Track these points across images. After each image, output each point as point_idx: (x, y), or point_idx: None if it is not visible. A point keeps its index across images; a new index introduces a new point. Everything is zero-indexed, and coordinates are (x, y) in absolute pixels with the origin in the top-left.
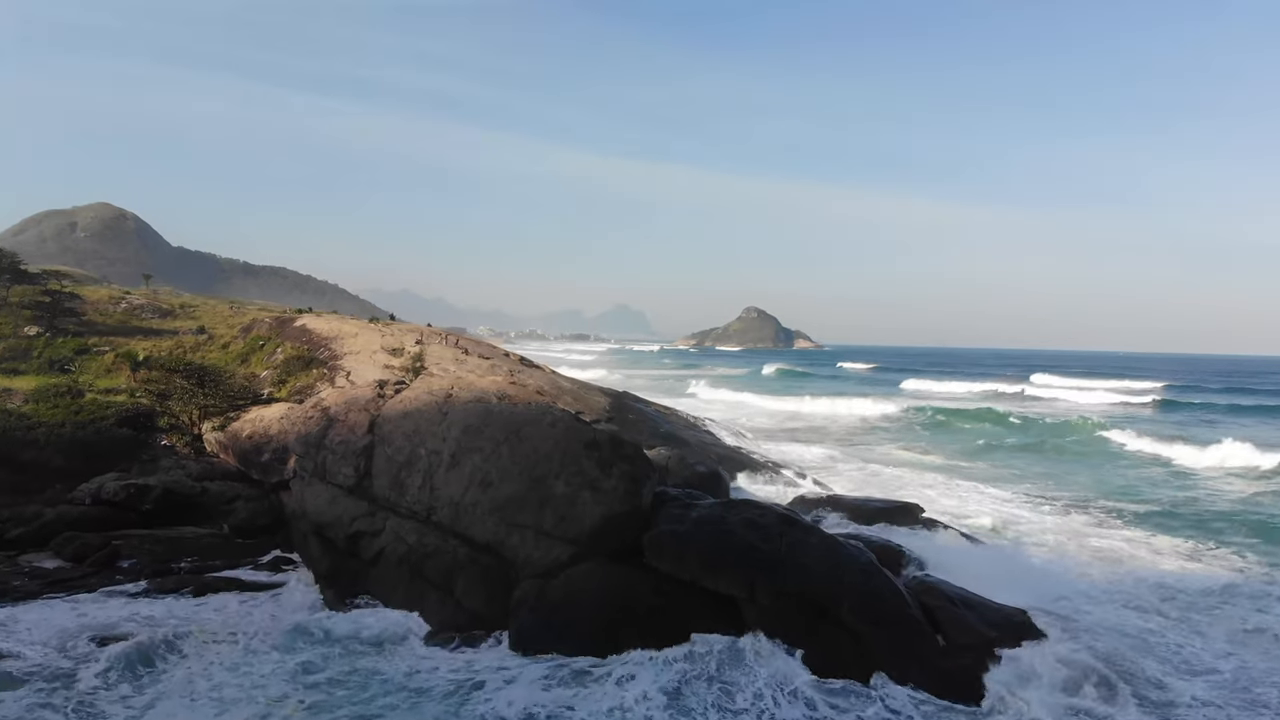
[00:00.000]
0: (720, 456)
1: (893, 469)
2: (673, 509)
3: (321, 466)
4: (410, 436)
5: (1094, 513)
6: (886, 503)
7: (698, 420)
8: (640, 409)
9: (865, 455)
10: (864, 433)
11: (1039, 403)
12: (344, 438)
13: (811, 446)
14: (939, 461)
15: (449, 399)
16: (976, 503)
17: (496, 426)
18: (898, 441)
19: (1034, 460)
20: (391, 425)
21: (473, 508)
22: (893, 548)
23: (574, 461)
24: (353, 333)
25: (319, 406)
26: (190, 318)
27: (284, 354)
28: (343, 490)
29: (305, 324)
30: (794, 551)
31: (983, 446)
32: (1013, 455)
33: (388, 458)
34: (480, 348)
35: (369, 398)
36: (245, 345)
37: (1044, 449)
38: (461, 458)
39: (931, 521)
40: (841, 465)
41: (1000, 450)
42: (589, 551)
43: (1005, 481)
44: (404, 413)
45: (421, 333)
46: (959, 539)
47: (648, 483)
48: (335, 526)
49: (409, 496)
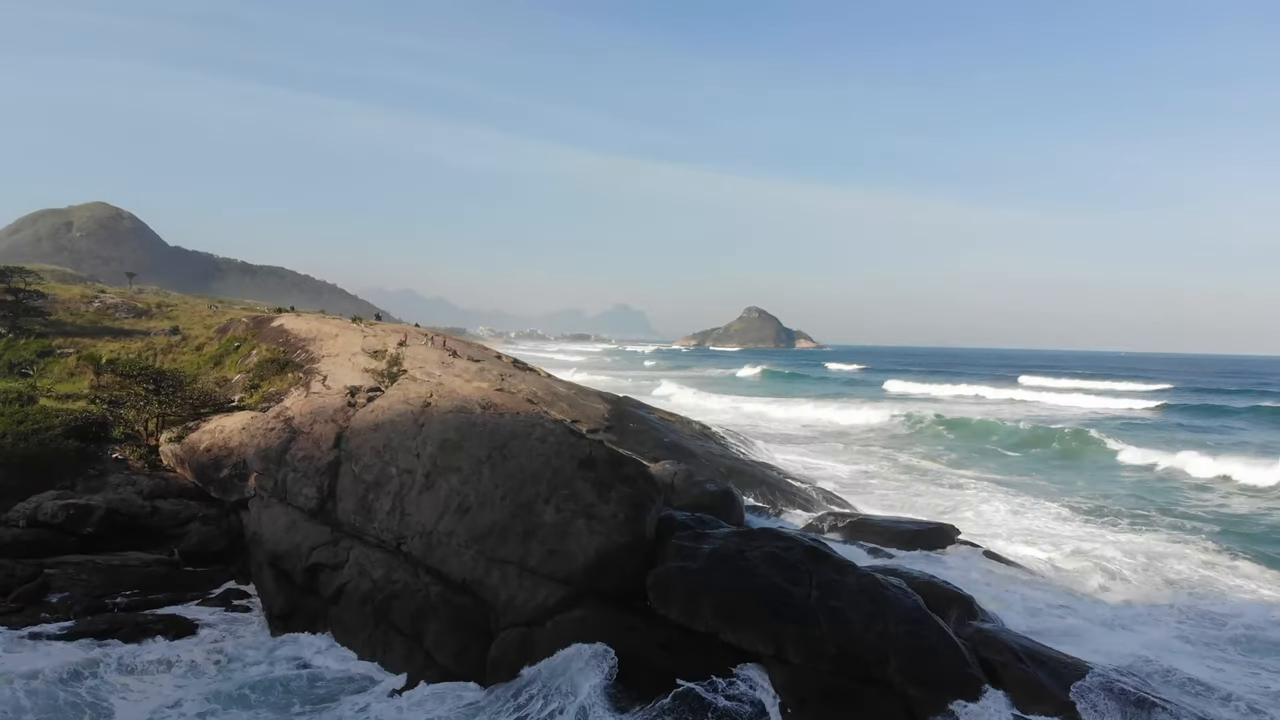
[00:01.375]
0: (730, 470)
1: (907, 480)
2: (682, 540)
3: (282, 485)
4: (380, 452)
5: (1161, 530)
6: (918, 524)
7: (706, 428)
8: (642, 416)
9: (871, 464)
10: (839, 438)
11: (1045, 405)
12: (307, 453)
13: (822, 457)
14: (949, 469)
15: (427, 409)
16: (1016, 520)
17: (478, 441)
18: (894, 448)
19: (1055, 468)
20: (360, 439)
21: (447, 538)
22: (939, 586)
23: (566, 483)
24: (332, 333)
25: (282, 417)
26: (166, 317)
27: (258, 356)
28: (303, 514)
29: (283, 324)
30: (827, 595)
31: (1002, 455)
32: (1034, 465)
33: (354, 476)
34: (470, 349)
35: (337, 407)
36: (220, 347)
37: (1066, 456)
38: (437, 478)
39: (969, 545)
40: (842, 470)
41: (1020, 460)
42: (582, 593)
43: (1033, 493)
44: (375, 424)
45: (406, 333)
46: (1007, 569)
47: (652, 507)
48: (292, 557)
49: (377, 522)
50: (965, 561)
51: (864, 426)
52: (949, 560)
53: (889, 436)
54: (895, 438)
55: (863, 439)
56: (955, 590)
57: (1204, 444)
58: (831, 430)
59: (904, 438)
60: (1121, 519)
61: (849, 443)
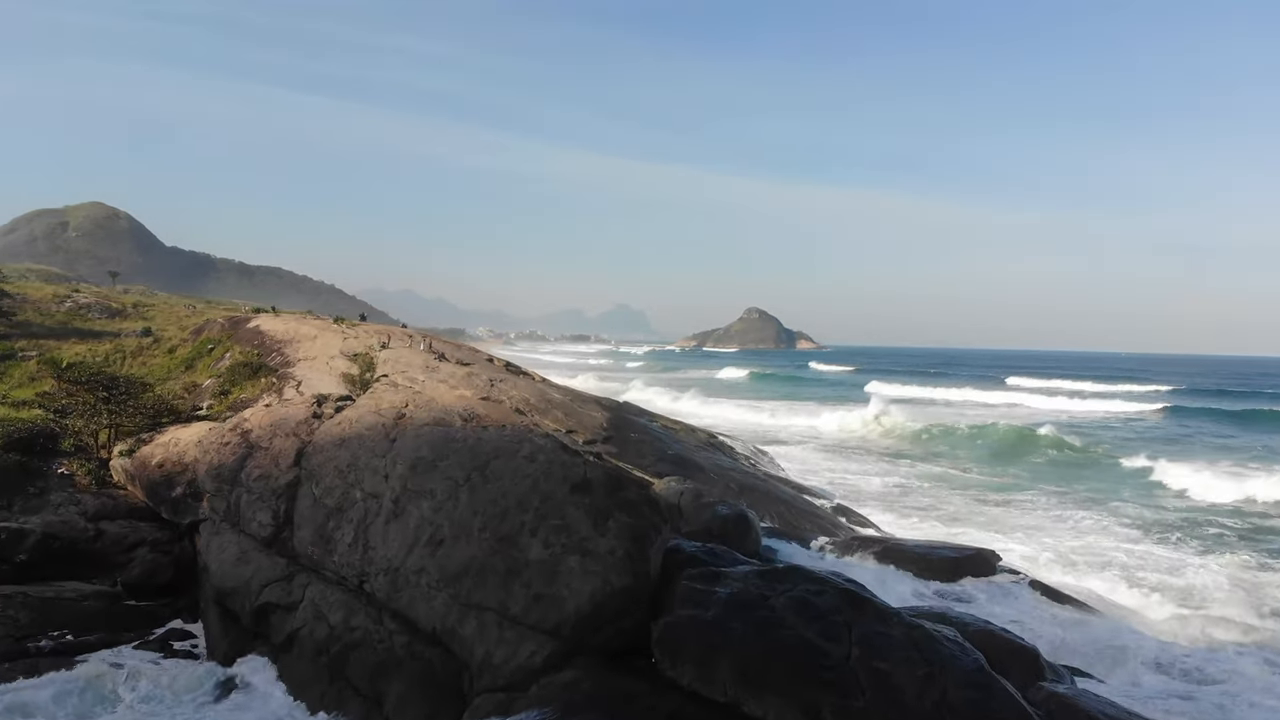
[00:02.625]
0: (741, 486)
1: (919, 492)
2: (693, 581)
3: (235, 509)
4: (344, 472)
5: (1243, 553)
6: (955, 550)
7: (712, 437)
8: (644, 425)
9: (877, 473)
10: (837, 445)
11: (1047, 409)
12: (264, 471)
13: (820, 465)
14: (956, 475)
15: (400, 421)
16: (1050, 540)
17: (456, 460)
18: (896, 456)
19: (1069, 477)
20: (323, 456)
21: (416, 576)
22: (998, 635)
23: (556, 511)
24: (311, 335)
25: (239, 429)
26: (142, 318)
27: (231, 360)
28: (256, 543)
29: (259, 325)
30: (870, 653)
31: (1009, 463)
32: (1046, 473)
33: (314, 500)
34: (460, 352)
35: (301, 419)
36: (192, 349)
37: (1079, 465)
38: (407, 504)
39: (1012, 573)
40: (849, 480)
41: (1028, 467)
42: (574, 648)
43: (1056, 506)
44: (340, 439)
45: (389, 334)
46: (1062, 606)
47: (656, 539)
48: (240, 594)
49: (337, 555)
50: (1016, 597)
51: (860, 432)
52: (993, 594)
53: (889, 443)
54: (895, 444)
55: (861, 445)
56: (1017, 641)
57: (1212, 449)
58: (825, 435)
59: (904, 443)
60: (1168, 534)
61: (847, 450)
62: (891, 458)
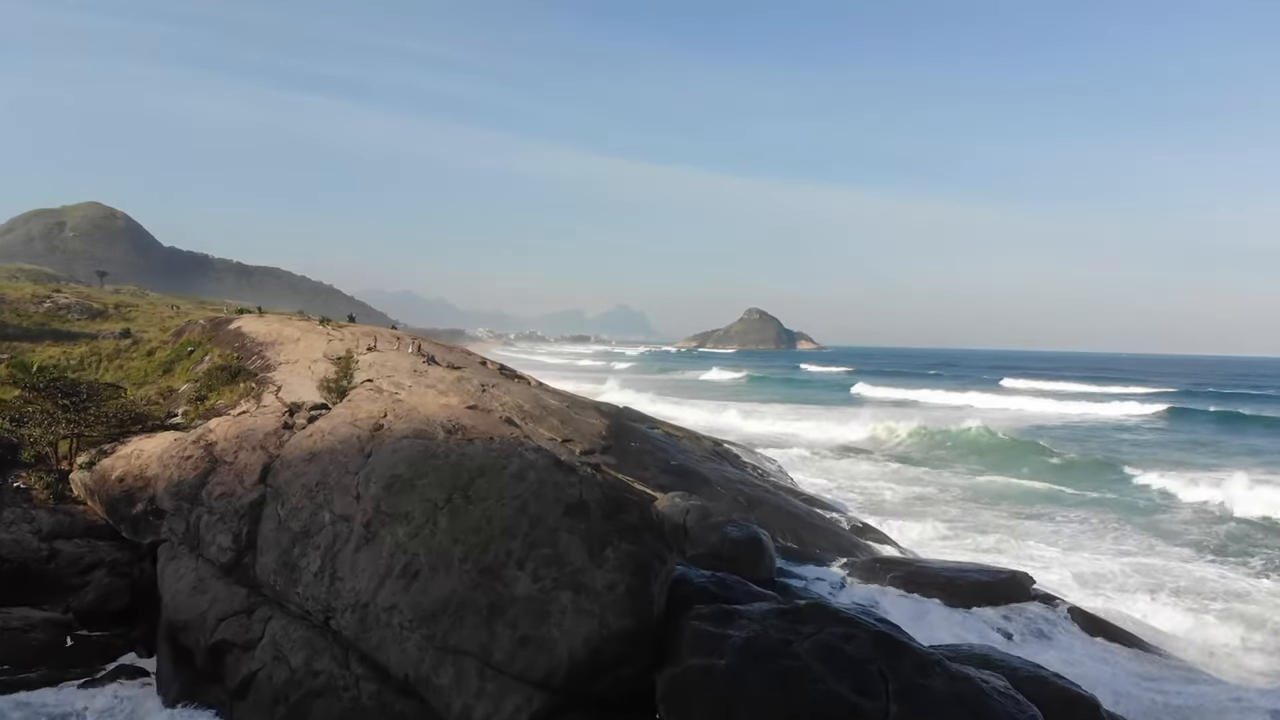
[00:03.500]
0: (750, 500)
1: (929, 502)
2: (703, 622)
3: (194, 531)
4: (312, 491)
5: (1265, 571)
6: (986, 572)
7: (718, 445)
8: (645, 433)
9: (884, 484)
10: (838, 452)
11: (1049, 414)
12: (227, 489)
13: (820, 474)
14: (963, 484)
15: (378, 433)
16: (1075, 559)
17: (436, 478)
18: (897, 464)
19: (1075, 484)
20: (290, 473)
21: (388, 614)
22: (1051, 683)
23: (548, 537)
24: (294, 337)
25: (202, 441)
26: (124, 319)
27: (211, 363)
28: (215, 569)
29: (241, 326)
30: (912, 710)
31: (1013, 470)
32: (1053, 479)
33: (279, 522)
34: (451, 355)
35: (269, 430)
36: (171, 352)
37: (1083, 471)
38: (379, 529)
39: (1048, 598)
40: (858, 486)
41: (1034, 475)
42: (566, 701)
43: (1066, 518)
44: (310, 454)
45: (376, 336)
46: (1110, 641)
47: (661, 570)
48: (195, 628)
49: (302, 586)
50: (1060, 630)
51: (855, 439)
52: (1034, 625)
53: (886, 448)
54: (893, 449)
55: (857, 450)
56: (1074, 690)
57: (1226, 454)
58: (817, 441)
59: (902, 449)
60: (1201, 552)
61: (848, 455)
62: (891, 463)
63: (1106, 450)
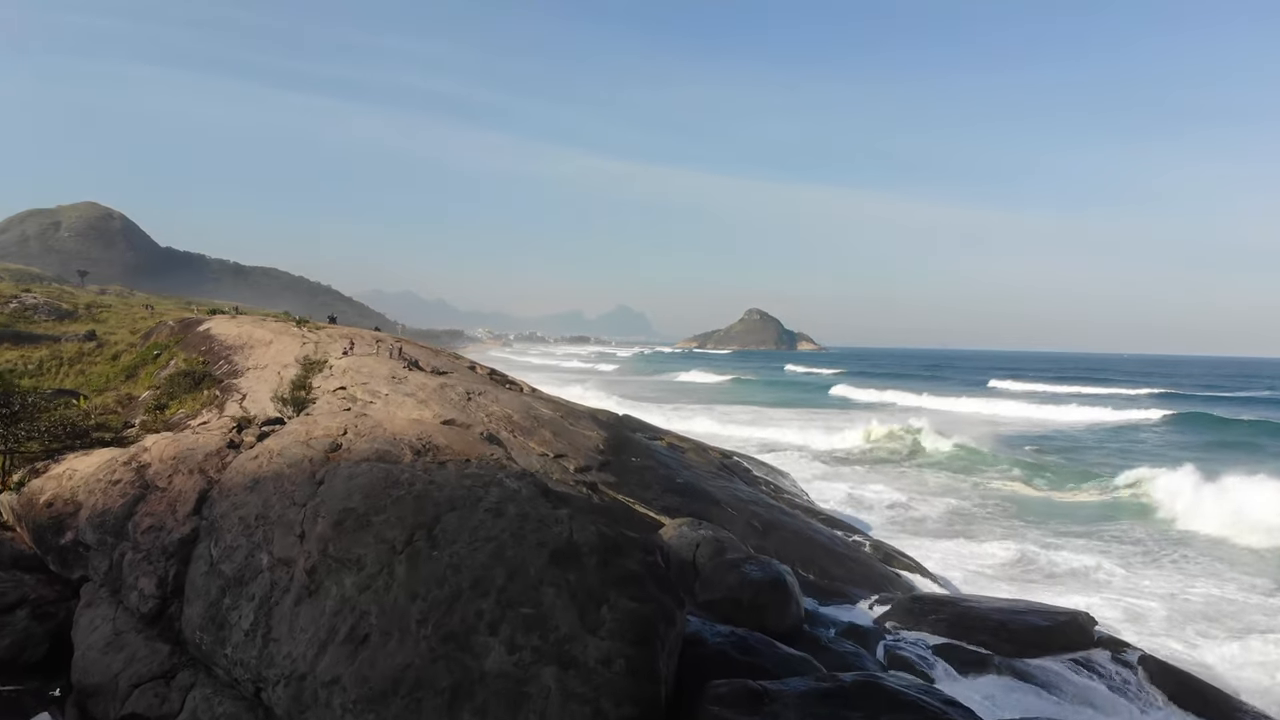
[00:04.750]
0: (765, 525)
1: (940, 517)
2: (724, 710)
3: (117, 570)
4: (250, 527)
5: None
6: (1042, 613)
7: (726, 457)
8: (646, 446)
9: (892, 496)
10: (838, 461)
11: (1052, 419)
12: (156, 521)
13: (823, 486)
14: (968, 495)
15: (334, 455)
16: (1125, 586)
17: (396, 513)
18: (896, 474)
19: (1078, 489)
20: (229, 503)
21: (327, 691)
22: None
23: (528, 593)
24: (265, 340)
25: (134, 462)
26: (94, 320)
27: (175, 368)
28: (136, 620)
29: (210, 328)
30: None
31: (1012, 477)
32: (1057, 484)
33: (211, 565)
34: (439, 359)
35: (211, 450)
36: (136, 356)
37: (1088, 479)
38: (325, 578)
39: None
40: (860, 497)
41: (1038, 482)
42: None
43: (1085, 535)
44: (253, 480)
45: (354, 339)
46: None
47: (671, 634)
48: (106, 695)
49: (231, 646)
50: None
51: (848, 447)
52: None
53: (880, 458)
54: (889, 460)
55: (853, 460)
56: None
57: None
58: (797, 446)
59: (901, 460)
60: (1257, 577)
61: (834, 462)
62: (885, 471)
63: (1123, 455)
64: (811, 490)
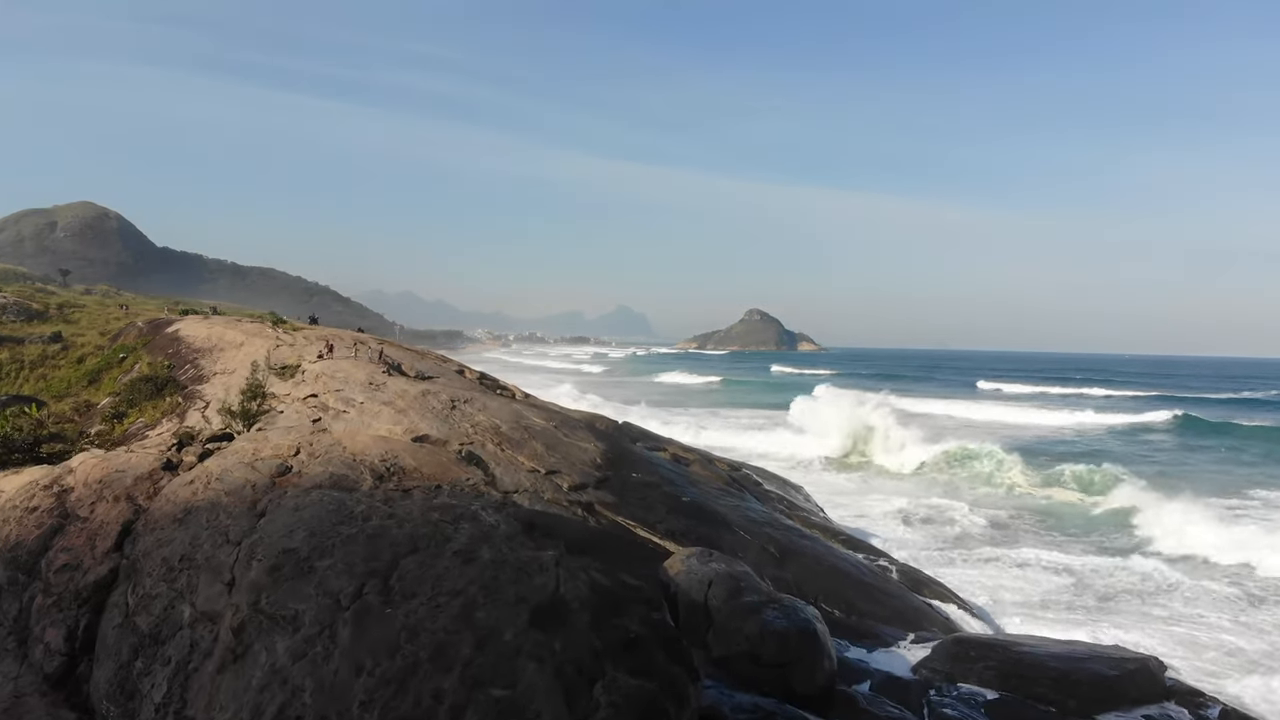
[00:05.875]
0: (783, 549)
1: (941, 535)
2: None
3: (24, 617)
4: (174, 571)
5: None
6: (1105, 660)
7: (734, 469)
8: (648, 459)
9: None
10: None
11: (1053, 424)
12: (73, 558)
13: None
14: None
15: (283, 478)
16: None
17: (345, 556)
18: (870, 481)
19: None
20: (154, 538)
21: None
22: None
23: (502, 668)
24: (237, 342)
25: (56, 486)
26: (65, 321)
27: (138, 372)
28: (40, 680)
29: (179, 330)
30: None
31: (1017, 488)
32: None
33: (125, 616)
34: (424, 362)
35: (143, 472)
36: (101, 359)
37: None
38: (254, 640)
39: (1193, 696)
40: (866, 509)
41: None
42: None
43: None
44: (185, 509)
45: (333, 341)
46: None
47: (684, 717)
48: None
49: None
50: None
51: (825, 454)
52: None
53: (853, 464)
54: (862, 467)
55: (833, 468)
56: None
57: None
58: (755, 452)
59: (899, 470)
60: None
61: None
62: (882, 480)
63: (1131, 467)
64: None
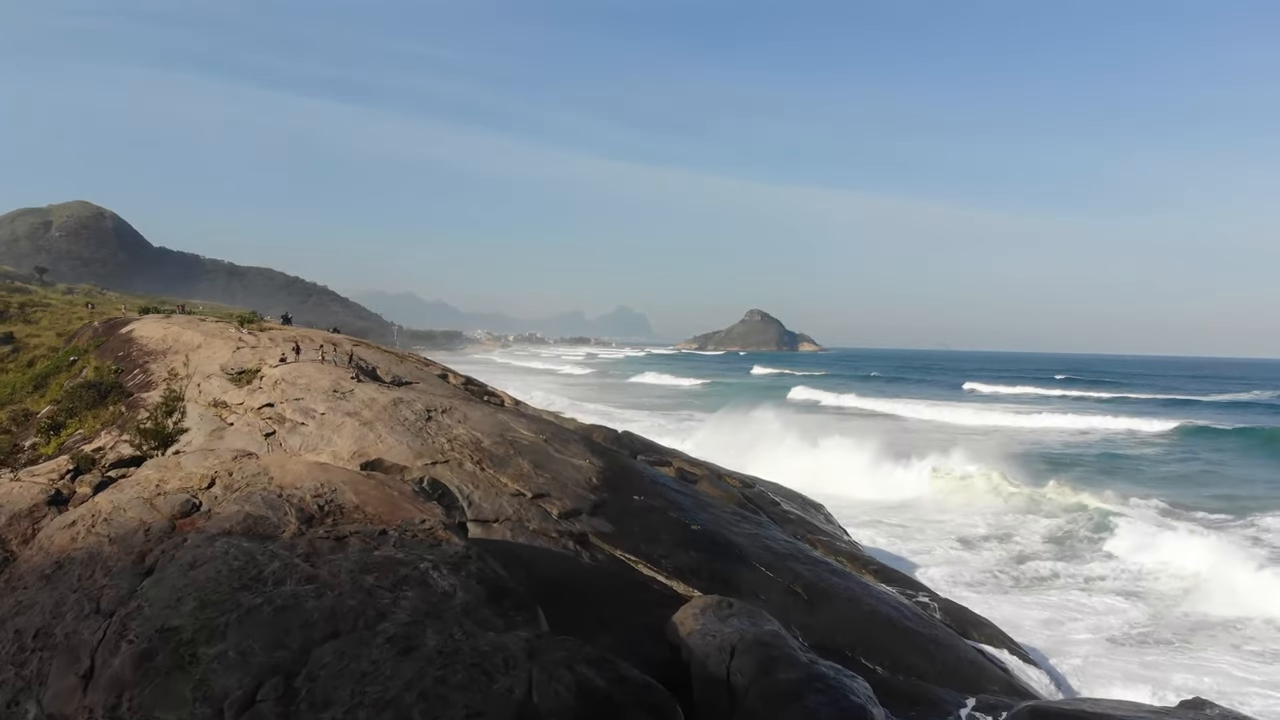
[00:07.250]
0: (811, 589)
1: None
2: None
3: None
4: (25, 650)
5: None
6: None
7: (747, 486)
8: (651, 477)
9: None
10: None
11: (1055, 428)
12: None
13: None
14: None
15: (186, 519)
16: None
17: (240, 641)
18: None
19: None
20: (14, 600)
21: None
22: None
23: None
24: (194, 344)
25: None
26: (25, 320)
27: (85, 377)
28: None
29: (134, 331)
30: None
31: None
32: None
33: None
34: (403, 365)
35: (23, 507)
36: (51, 363)
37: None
38: None
39: None
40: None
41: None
42: None
43: None
44: (57, 562)
45: (300, 342)
46: None
47: None
48: None
49: None
50: None
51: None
52: None
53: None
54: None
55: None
56: None
57: None
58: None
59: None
60: None
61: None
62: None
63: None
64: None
